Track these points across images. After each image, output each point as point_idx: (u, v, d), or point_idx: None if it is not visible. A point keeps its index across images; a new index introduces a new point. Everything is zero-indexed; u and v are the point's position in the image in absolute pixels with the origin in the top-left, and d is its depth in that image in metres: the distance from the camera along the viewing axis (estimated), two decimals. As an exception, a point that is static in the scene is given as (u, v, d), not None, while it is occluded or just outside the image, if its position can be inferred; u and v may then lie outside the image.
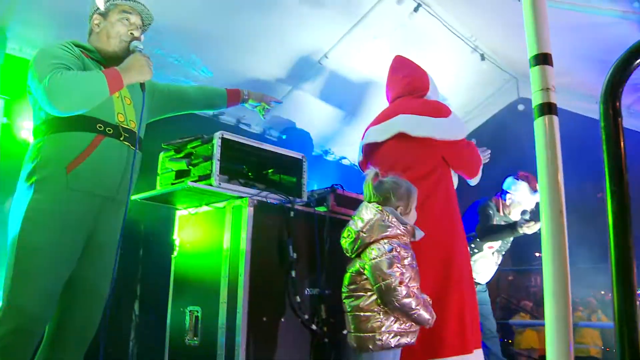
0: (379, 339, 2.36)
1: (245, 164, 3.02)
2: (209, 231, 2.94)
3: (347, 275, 2.53)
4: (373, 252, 2.41)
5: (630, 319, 0.96)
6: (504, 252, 4.50)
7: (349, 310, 2.48)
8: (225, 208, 2.85)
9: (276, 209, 2.87)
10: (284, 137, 5.35)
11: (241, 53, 4.48)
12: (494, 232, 4.30)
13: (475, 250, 4.35)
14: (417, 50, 4.68)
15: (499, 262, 4.47)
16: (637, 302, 1.00)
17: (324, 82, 4.96)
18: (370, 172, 2.61)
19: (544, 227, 1.21)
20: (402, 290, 2.34)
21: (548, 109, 1.36)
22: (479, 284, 4.34)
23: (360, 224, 2.48)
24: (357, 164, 3.63)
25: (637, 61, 1.11)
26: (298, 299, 2.83)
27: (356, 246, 2.49)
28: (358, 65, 4.90)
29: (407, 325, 2.44)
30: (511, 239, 4.45)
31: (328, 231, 3.04)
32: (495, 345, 4.37)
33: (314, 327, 2.89)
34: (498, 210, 4.51)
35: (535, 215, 4.36)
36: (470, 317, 2.91)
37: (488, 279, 4.46)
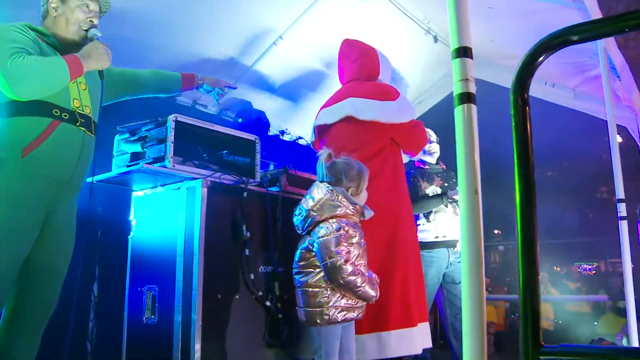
0: (326, 314, 2.49)
1: (200, 145, 3.08)
2: (164, 212, 3.02)
3: (298, 251, 2.65)
4: (322, 230, 2.53)
5: (533, 289, 1.09)
6: (458, 202, 4.44)
7: (298, 285, 2.60)
8: (180, 189, 2.93)
9: (230, 189, 2.96)
10: (239, 120, 5.41)
11: (197, 32, 4.48)
12: (421, 203, 4.35)
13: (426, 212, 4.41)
14: (371, 32, 4.77)
15: (458, 212, 4.38)
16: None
17: (280, 63, 5.02)
18: (323, 152, 2.71)
19: (462, 207, 1.35)
20: (348, 269, 2.46)
21: (467, 98, 1.48)
22: (452, 245, 4.39)
23: (310, 203, 2.60)
24: (310, 144, 3.73)
25: (542, 57, 1.22)
26: (252, 276, 2.94)
27: (306, 224, 2.60)
28: (313, 46, 4.96)
29: (353, 301, 2.57)
30: (457, 190, 4.49)
31: (281, 210, 3.15)
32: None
33: (268, 303, 3.00)
34: (422, 177, 4.55)
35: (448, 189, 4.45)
36: (415, 292, 3.07)
37: (456, 232, 4.41)
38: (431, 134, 4.67)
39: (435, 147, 4.61)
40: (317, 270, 2.55)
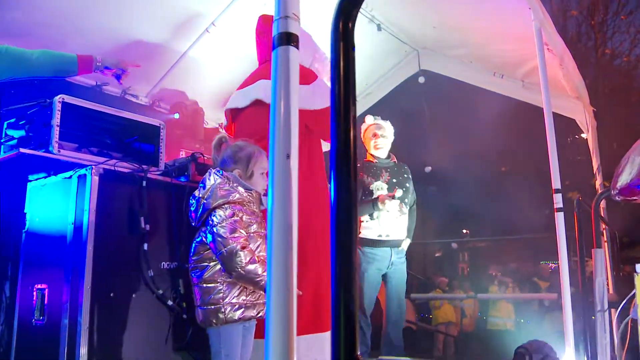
0: (222, 312, 2.27)
1: (103, 131, 2.82)
2: (56, 203, 2.75)
3: (192, 245, 2.42)
4: (214, 218, 2.33)
5: (348, 292, 0.87)
6: (407, 200, 4.34)
7: (194, 282, 2.38)
8: (72, 178, 2.66)
9: (127, 178, 2.70)
10: (176, 115, 5.13)
11: (126, 15, 4.23)
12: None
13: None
14: (310, 19, 4.56)
15: (405, 211, 4.32)
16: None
17: (214, 49, 4.77)
18: (216, 137, 2.50)
19: (271, 172, 1.12)
20: (246, 256, 2.25)
21: (287, 39, 1.22)
22: (396, 245, 4.26)
23: (202, 191, 2.38)
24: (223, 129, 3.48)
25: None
26: (151, 273, 2.68)
27: (199, 214, 2.38)
28: (247, 33, 4.73)
29: (254, 296, 2.35)
30: (406, 186, 4.36)
31: (187, 202, 2.89)
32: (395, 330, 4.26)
33: (170, 302, 2.75)
34: (367, 172, 4.36)
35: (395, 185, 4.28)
36: (327, 295, 2.82)
37: (401, 232, 4.29)
38: (382, 126, 4.48)
39: (382, 142, 4.42)
40: (213, 263, 2.33)
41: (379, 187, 4.26)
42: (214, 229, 2.30)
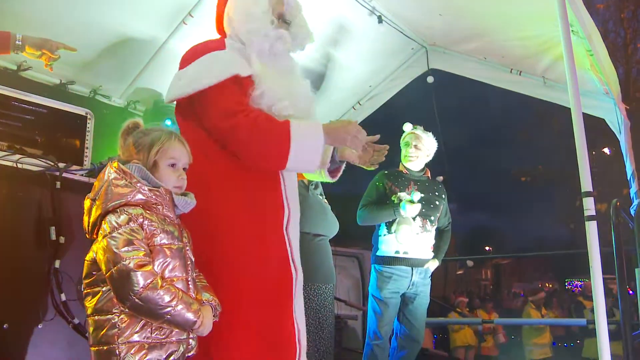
0: (116, 355, 1.67)
1: (13, 121, 2.28)
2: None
3: (85, 264, 1.83)
4: (105, 226, 1.73)
5: None
6: (432, 218, 3.86)
7: (88, 313, 1.78)
8: (-33, 178, 2.12)
9: (36, 178, 2.14)
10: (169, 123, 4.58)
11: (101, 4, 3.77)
12: (369, 213, 3.84)
13: (391, 220, 3.80)
14: (305, 11, 4.05)
15: (430, 228, 3.85)
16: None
17: (192, 42, 4.25)
18: (126, 122, 1.92)
19: None
20: (142, 278, 1.64)
21: None
22: (417, 264, 3.76)
23: (94, 190, 1.80)
24: None
25: None
26: (64, 297, 2.11)
27: (90, 221, 1.79)
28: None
29: (162, 332, 1.74)
30: (435, 204, 3.90)
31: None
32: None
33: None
34: (393, 181, 3.89)
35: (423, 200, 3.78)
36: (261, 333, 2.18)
37: (424, 250, 3.82)
38: (419, 137, 3.97)
39: (416, 154, 3.93)
40: (107, 288, 1.73)
41: (402, 199, 3.79)
42: (103, 241, 1.71)
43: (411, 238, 3.74)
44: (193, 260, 1.91)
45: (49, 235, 2.09)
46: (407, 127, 4.02)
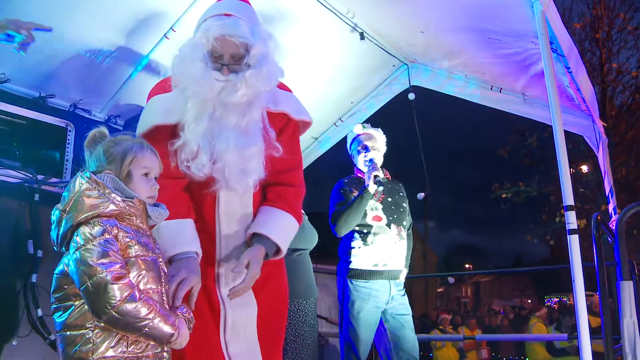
0: None
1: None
2: None
3: (54, 277, 1.79)
4: (78, 238, 1.71)
5: None
6: (405, 223, 3.80)
7: (57, 329, 1.73)
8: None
9: (14, 190, 2.10)
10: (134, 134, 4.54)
11: (78, 18, 3.69)
12: (342, 215, 3.61)
13: (365, 231, 3.64)
14: (285, 28, 4.05)
15: (404, 235, 3.76)
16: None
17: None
18: (91, 132, 1.90)
19: None
20: (121, 291, 1.63)
21: None
22: (394, 276, 3.65)
23: (64, 202, 1.77)
24: None
25: None
26: (40, 312, 2.06)
27: (60, 233, 1.76)
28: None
29: (138, 347, 1.71)
30: (403, 206, 3.84)
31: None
32: None
33: (68, 351, 2.11)
34: (355, 187, 3.82)
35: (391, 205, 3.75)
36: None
37: (400, 261, 3.71)
38: (373, 136, 3.96)
39: (373, 155, 3.85)
40: (79, 302, 1.71)
41: (373, 207, 3.71)
42: (77, 253, 1.69)
43: (390, 248, 3.62)
44: (166, 272, 1.88)
45: (27, 248, 2.05)
46: (358, 128, 3.99)
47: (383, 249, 3.60)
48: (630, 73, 13.89)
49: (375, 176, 3.60)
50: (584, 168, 13.60)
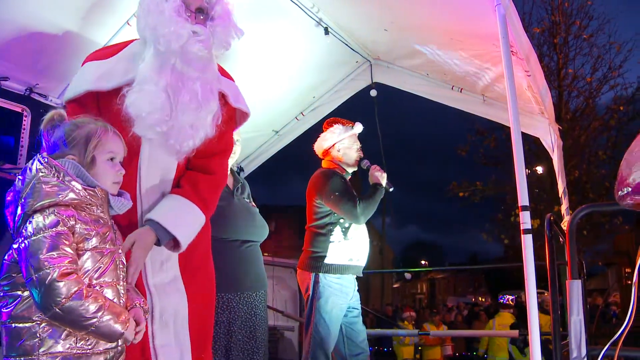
0: None
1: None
2: None
3: (1, 264, 1.74)
4: (29, 227, 1.63)
5: None
6: None
7: (3, 320, 1.67)
8: None
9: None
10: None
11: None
12: (369, 200, 3.63)
13: (347, 225, 3.65)
14: (249, 22, 4.01)
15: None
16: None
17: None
18: (48, 113, 1.83)
19: None
20: (68, 287, 1.56)
21: None
22: (359, 272, 3.72)
23: (19, 185, 1.71)
24: None
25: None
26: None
27: (15, 219, 1.70)
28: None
29: (88, 343, 1.66)
30: None
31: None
32: None
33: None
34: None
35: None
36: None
37: (366, 256, 3.76)
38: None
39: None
40: (26, 293, 1.64)
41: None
42: (26, 243, 1.62)
43: (364, 244, 3.68)
44: (125, 264, 1.84)
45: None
46: (359, 127, 4.07)
47: (359, 244, 3.66)
48: (584, 79, 14.33)
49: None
50: (539, 169, 13.95)
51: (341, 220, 3.65)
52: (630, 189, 1.65)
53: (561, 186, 4.59)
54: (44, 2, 3.62)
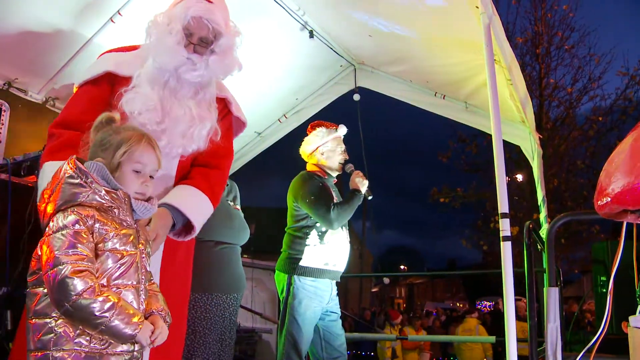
0: None
1: None
2: None
3: (32, 261, 1.74)
4: (51, 224, 1.67)
5: None
6: (347, 226, 3.83)
7: (28, 315, 1.68)
8: None
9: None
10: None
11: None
12: (344, 206, 3.61)
13: (323, 230, 3.62)
14: (235, 19, 3.99)
15: (348, 238, 3.82)
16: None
17: (120, 41, 4.11)
18: (102, 114, 1.88)
19: None
20: (80, 285, 1.56)
21: None
22: (337, 277, 3.70)
23: (50, 187, 1.73)
24: None
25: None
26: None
27: (42, 218, 1.73)
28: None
29: (101, 343, 1.65)
30: None
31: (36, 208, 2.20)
32: None
33: (-8, 342, 2.04)
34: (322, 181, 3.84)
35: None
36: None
37: (344, 262, 3.75)
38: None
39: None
40: (46, 290, 1.64)
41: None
42: (46, 239, 1.65)
43: (341, 249, 3.67)
44: (148, 268, 1.83)
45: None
46: (344, 129, 4.04)
47: (336, 249, 3.64)
48: (565, 89, 14.54)
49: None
50: (519, 177, 14.10)
51: (317, 225, 3.64)
52: (609, 199, 1.68)
53: (541, 194, 4.62)
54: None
